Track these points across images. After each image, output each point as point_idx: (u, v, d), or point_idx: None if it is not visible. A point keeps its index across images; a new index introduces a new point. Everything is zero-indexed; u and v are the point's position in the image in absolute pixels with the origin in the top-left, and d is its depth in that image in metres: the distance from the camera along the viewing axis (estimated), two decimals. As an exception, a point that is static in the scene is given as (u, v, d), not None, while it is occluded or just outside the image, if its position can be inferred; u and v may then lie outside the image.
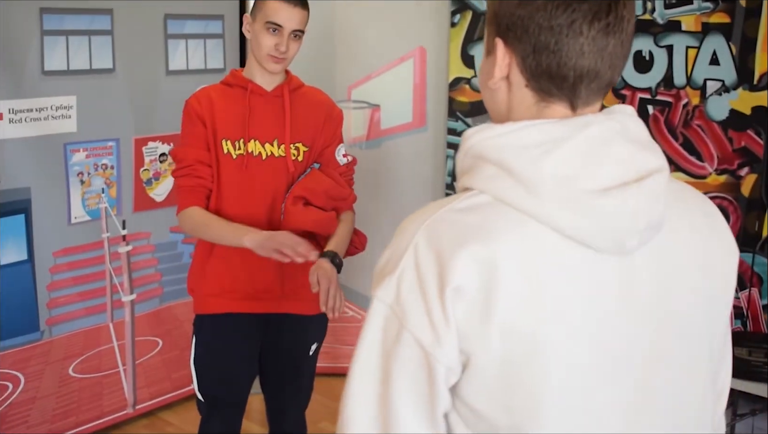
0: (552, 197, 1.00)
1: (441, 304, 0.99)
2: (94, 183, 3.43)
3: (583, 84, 1.06)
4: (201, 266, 2.53)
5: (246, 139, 2.47)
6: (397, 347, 1.02)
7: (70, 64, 3.28)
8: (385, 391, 1.02)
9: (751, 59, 3.46)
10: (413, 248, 1.02)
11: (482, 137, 1.06)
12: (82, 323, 3.45)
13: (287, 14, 2.40)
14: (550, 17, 1.02)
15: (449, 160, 3.98)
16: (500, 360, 1.00)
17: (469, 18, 3.83)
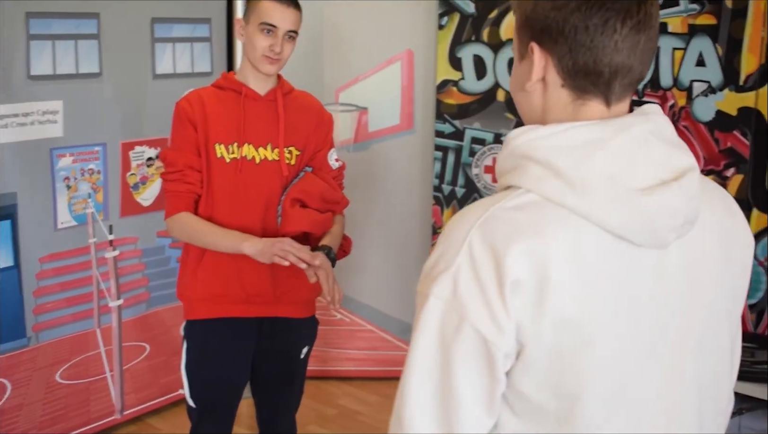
0: (599, 195, 1.07)
1: (501, 297, 1.05)
2: (81, 188, 3.41)
3: (617, 80, 1.12)
4: (192, 271, 2.51)
5: (240, 143, 2.46)
6: (457, 339, 1.06)
7: (56, 68, 3.26)
8: (446, 382, 1.07)
9: (737, 60, 3.47)
10: (467, 246, 1.07)
11: (528, 138, 1.12)
12: (69, 329, 3.43)
13: (281, 15, 2.40)
14: (585, 18, 1.09)
15: (437, 162, 3.97)
16: (551, 348, 1.07)
17: (456, 20, 3.84)
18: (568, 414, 1.10)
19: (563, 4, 1.10)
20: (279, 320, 2.57)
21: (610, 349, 1.09)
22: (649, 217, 1.08)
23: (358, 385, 4.19)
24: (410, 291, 4.24)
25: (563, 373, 1.08)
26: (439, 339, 1.08)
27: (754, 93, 3.47)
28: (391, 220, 4.16)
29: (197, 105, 2.47)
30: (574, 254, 1.07)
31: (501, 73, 3.82)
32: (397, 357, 4.28)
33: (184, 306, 2.59)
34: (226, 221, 2.45)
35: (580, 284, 1.06)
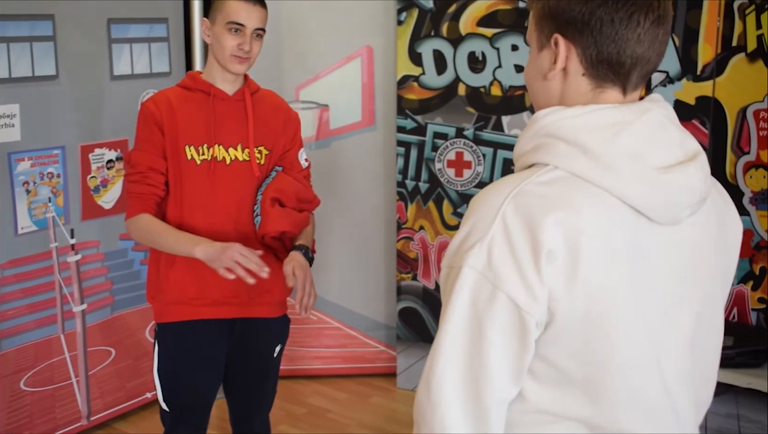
0: (624, 172, 1.14)
1: (535, 266, 1.10)
2: (41, 192, 3.36)
3: (635, 70, 1.20)
4: (164, 273, 2.47)
5: (210, 144, 2.44)
6: (490, 307, 1.12)
7: (11, 71, 3.21)
8: (478, 350, 1.13)
9: (694, 50, 3.51)
10: (501, 217, 1.13)
11: (556, 117, 1.19)
12: (33, 336, 3.38)
13: (248, 13, 2.39)
14: (612, 11, 1.16)
15: (399, 158, 3.98)
16: (581, 316, 1.13)
17: (415, 16, 3.84)
18: (595, 381, 1.17)
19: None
20: (252, 320, 2.55)
21: (634, 317, 1.17)
22: (669, 194, 1.16)
23: (326, 383, 4.18)
24: (377, 288, 4.32)
25: (591, 341, 1.15)
26: (473, 308, 1.13)
27: (711, 82, 3.51)
28: (356, 217, 4.16)
29: (164, 106, 2.44)
30: (602, 226, 1.13)
31: (461, 68, 3.82)
32: (365, 353, 4.28)
33: (154, 309, 2.56)
34: (197, 224, 2.43)
35: (607, 254, 1.13)
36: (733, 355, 3.40)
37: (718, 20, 3.48)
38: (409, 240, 4.04)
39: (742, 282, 3.59)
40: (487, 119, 3.82)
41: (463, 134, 3.87)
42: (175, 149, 2.42)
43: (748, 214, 3.56)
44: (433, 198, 3.97)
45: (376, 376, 4.26)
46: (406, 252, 4.05)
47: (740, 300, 3.61)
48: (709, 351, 1.33)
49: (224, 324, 2.53)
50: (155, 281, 2.51)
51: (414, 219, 4.01)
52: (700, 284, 1.26)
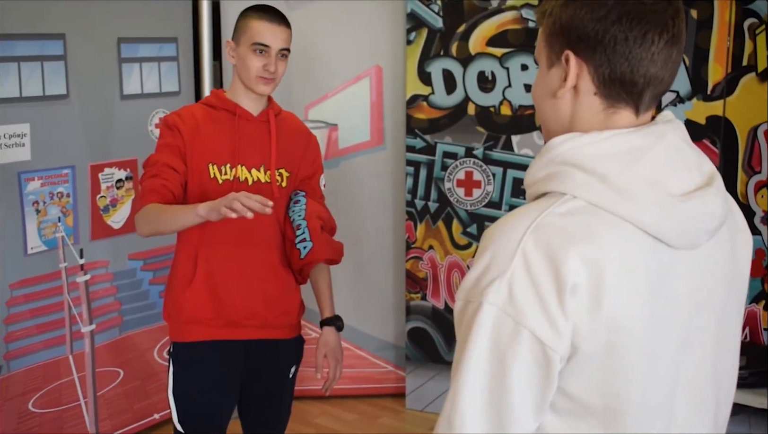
0: (643, 201, 1.11)
1: (559, 301, 1.07)
2: (50, 212, 3.35)
3: (648, 90, 1.17)
4: (181, 291, 2.45)
5: (233, 164, 2.42)
6: (513, 344, 1.08)
7: (22, 91, 3.21)
8: (500, 388, 1.09)
9: (704, 70, 3.52)
10: (522, 252, 1.09)
11: (572, 145, 1.16)
12: (42, 357, 3.36)
13: (273, 34, 2.39)
14: (626, 29, 1.13)
15: (409, 177, 3.97)
16: (604, 348, 1.10)
17: (425, 36, 3.84)
18: (616, 413, 1.14)
19: (604, 15, 1.13)
20: (267, 341, 2.53)
21: (653, 346, 1.14)
22: (689, 222, 1.14)
23: (335, 403, 4.15)
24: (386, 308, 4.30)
25: (611, 372, 1.12)
26: (495, 345, 1.09)
27: (722, 102, 3.52)
28: (365, 237, 4.14)
29: (190, 121, 2.42)
30: (623, 257, 1.10)
31: (471, 87, 3.83)
32: (373, 374, 4.26)
33: (170, 327, 2.54)
34: (216, 243, 2.41)
35: (629, 285, 1.10)
36: (746, 375, 3.38)
37: (728, 40, 3.49)
38: (419, 260, 4.02)
39: (754, 302, 3.58)
40: (496, 139, 3.81)
41: (472, 153, 3.87)
42: (199, 166, 2.40)
43: (760, 233, 3.55)
44: (442, 218, 3.96)
45: (385, 397, 4.23)
46: (416, 272, 4.04)
47: (752, 320, 3.59)
48: (728, 373, 1.30)
49: (239, 345, 2.51)
50: (172, 300, 2.49)
51: (423, 239, 4.00)
52: (716, 306, 1.23)
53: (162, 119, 2.48)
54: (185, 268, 2.44)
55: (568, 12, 1.16)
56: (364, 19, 4.00)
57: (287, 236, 2.53)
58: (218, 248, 2.42)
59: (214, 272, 2.41)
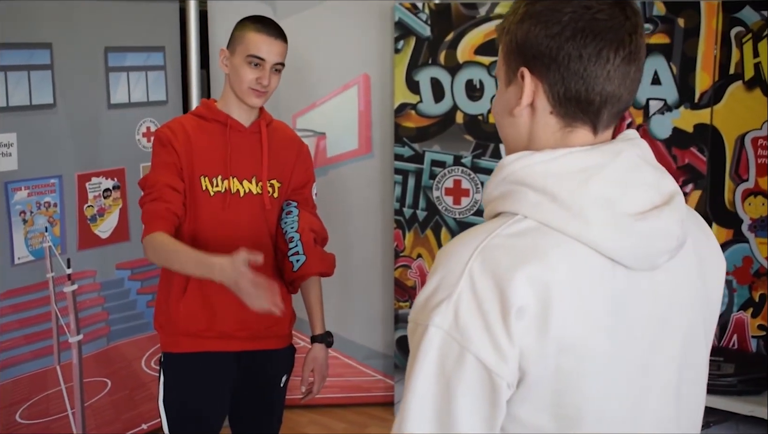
0: (596, 221, 1.08)
1: (504, 325, 1.04)
2: (37, 222, 3.33)
3: (606, 108, 1.14)
4: (174, 303, 2.44)
5: (225, 175, 2.41)
6: (458, 370, 1.05)
7: (9, 100, 3.19)
8: (446, 413, 1.06)
9: (692, 78, 3.53)
10: (468, 274, 1.06)
11: (523, 164, 1.13)
12: (29, 367, 3.33)
13: (269, 47, 2.38)
14: (580, 46, 1.10)
15: (397, 186, 3.97)
16: (554, 371, 1.07)
17: (413, 44, 3.84)
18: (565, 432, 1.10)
19: (558, 32, 1.11)
20: (258, 351, 2.52)
21: (609, 368, 1.11)
22: (645, 242, 1.10)
23: (323, 413, 4.14)
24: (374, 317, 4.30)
25: (564, 394, 1.08)
26: (440, 370, 1.06)
27: (709, 110, 3.53)
28: (353, 245, 4.14)
29: (181, 134, 2.40)
30: (574, 278, 1.07)
31: (459, 96, 3.83)
32: (362, 383, 4.25)
33: (161, 338, 2.52)
34: None
35: (579, 307, 1.07)
36: (734, 382, 3.39)
37: (715, 48, 3.50)
38: (407, 268, 4.02)
39: (742, 309, 3.59)
40: (485, 147, 3.82)
41: (461, 161, 3.87)
42: (190, 179, 2.39)
43: (747, 241, 3.56)
44: (431, 226, 3.96)
45: (374, 405, 4.22)
46: (404, 280, 4.03)
47: (740, 327, 3.60)
48: (695, 394, 1.26)
49: (230, 356, 2.50)
50: (165, 311, 2.47)
51: (412, 247, 4.00)
52: (680, 328, 1.20)
53: (155, 135, 2.45)
54: (178, 279, 2.42)
55: (524, 29, 1.14)
56: (352, 27, 4.00)
57: (279, 248, 2.52)
58: None
59: (206, 284, 2.39)
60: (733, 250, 3.58)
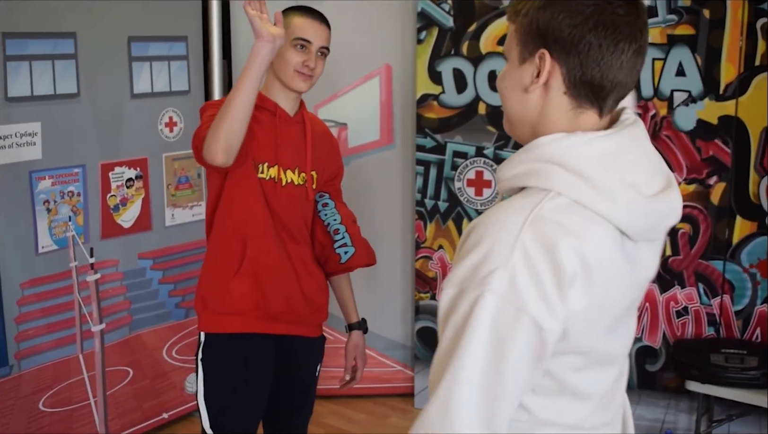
0: (622, 201, 1.22)
1: (558, 288, 1.16)
2: (61, 211, 3.34)
3: (612, 94, 1.28)
4: (223, 281, 2.41)
5: (271, 163, 2.40)
6: (513, 331, 1.16)
7: (33, 89, 3.20)
8: (498, 371, 1.16)
9: (717, 70, 3.51)
10: (521, 244, 1.17)
11: (561, 146, 1.25)
12: (52, 356, 3.35)
13: (315, 31, 2.41)
14: (600, 37, 1.22)
15: (418, 177, 3.96)
16: (585, 329, 1.23)
17: (435, 35, 3.83)
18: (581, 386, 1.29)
19: (581, 22, 1.22)
20: (296, 338, 2.52)
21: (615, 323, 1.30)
22: (658, 219, 1.28)
23: (343, 403, 4.15)
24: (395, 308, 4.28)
25: (583, 350, 1.26)
26: (494, 332, 1.15)
27: (734, 102, 3.51)
28: (374, 236, 4.09)
29: None
30: (604, 250, 1.23)
31: (481, 87, 3.81)
32: (382, 374, 4.25)
33: (203, 318, 2.48)
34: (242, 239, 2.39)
35: (609, 274, 1.23)
36: (758, 376, 3.37)
37: (741, 40, 3.48)
38: (428, 259, 4.01)
39: (765, 302, 3.57)
40: (507, 138, 3.80)
41: (483, 152, 3.86)
42: (245, 161, 2.35)
43: (772, 234, 3.54)
44: (452, 217, 3.95)
45: (394, 396, 4.23)
46: (425, 272, 4.03)
47: (763, 321, 3.59)
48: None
49: (271, 341, 2.49)
50: (212, 289, 2.44)
51: (433, 238, 3.99)
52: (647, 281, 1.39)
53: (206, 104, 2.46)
54: (232, 258, 2.40)
55: (547, 15, 1.25)
56: (375, 18, 3.99)
57: (318, 239, 2.54)
58: (265, 240, 2.40)
59: (261, 264, 2.39)
60: (757, 243, 3.56)
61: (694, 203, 3.57)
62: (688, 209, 3.56)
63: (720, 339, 3.62)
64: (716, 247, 3.60)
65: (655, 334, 3.72)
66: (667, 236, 1.42)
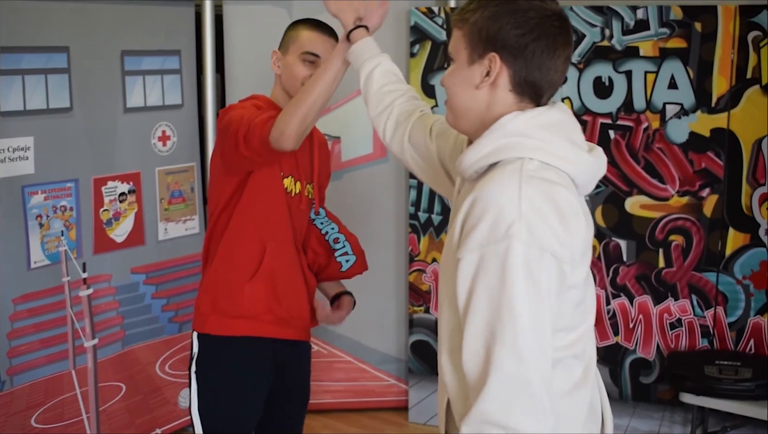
0: (572, 157, 1.51)
1: (563, 227, 1.42)
2: (54, 226, 3.33)
3: (548, 92, 1.55)
4: (238, 284, 2.39)
5: (293, 174, 2.43)
6: (542, 267, 1.39)
7: (26, 104, 3.19)
8: (539, 303, 1.39)
9: (708, 82, 3.53)
10: (526, 198, 1.40)
11: (522, 120, 1.50)
12: (44, 372, 3.32)
13: (323, 45, 2.41)
14: (542, 46, 1.48)
15: (412, 190, 3.96)
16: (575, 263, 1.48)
17: (428, 48, 3.84)
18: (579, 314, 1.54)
19: (527, 32, 1.48)
20: (293, 342, 2.52)
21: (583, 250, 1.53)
22: (595, 171, 1.57)
23: (336, 417, 4.13)
24: (388, 321, 4.26)
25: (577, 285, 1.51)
26: (528, 273, 1.38)
27: (726, 114, 3.53)
28: (368, 249, 4.06)
29: None
30: (571, 197, 1.47)
31: (474, 100, 3.82)
32: (376, 387, 4.24)
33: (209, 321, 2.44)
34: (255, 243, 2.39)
35: (579, 215, 1.48)
36: (753, 387, 3.39)
37: (733, 53, 3.50)
38: (422, 273, 4.01)
39: (759, 314, 3.58)
40: (500, 151, 3.81)
41: (476, 165, 3.86)
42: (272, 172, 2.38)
43: (764, 245, 3.55)
44: (446, 230, 3.95)
45: (388, 410, 4.21)
46: (419, 285, 4.03)
47: (757, 332, 3.60)
48: None
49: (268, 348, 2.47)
50: (225, 293, 2.41)
51: (427, 251, 3.99)
52: None
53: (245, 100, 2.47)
54: (249, 260, 2.39)
55: (496, 25, 1.49)
56: (367, 31, 3.99)
57: (312, 247, 2.57)
58: (284, 246, 2.42)
59: (277, 270, 2.40)
60: (750, 254, 3.58)
61: (686, 215, 3.59)
62: (680, 221, 3.58)
63: (714, 351, 3.63)
64: (709, 259, 3.61)
65: (649, 346, 3.72)
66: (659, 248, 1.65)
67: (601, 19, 3.61)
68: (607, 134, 3.65)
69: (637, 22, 3.58)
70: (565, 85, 3.65)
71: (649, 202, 3.63)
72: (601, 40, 3.62)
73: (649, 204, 3.63)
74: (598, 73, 3.64)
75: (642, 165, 3.64)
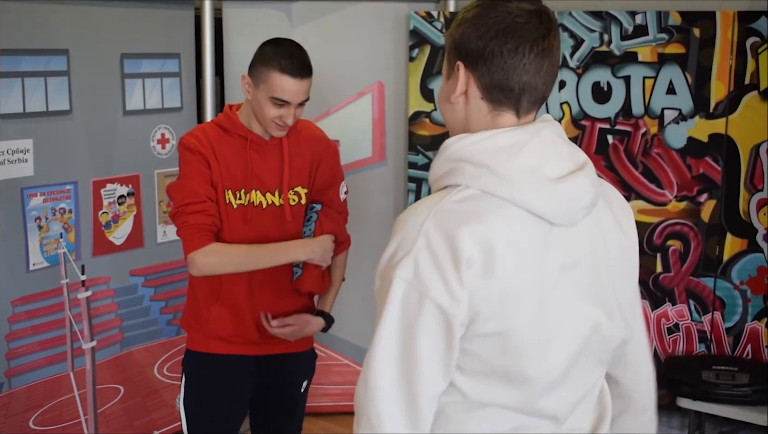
0: (525, 185, 1.31)
1: (456, 273, 1.26)
2: (53, 228, 3.33)
3: (525, 95, 1.38)
4: (204, 307, 2.46)
5: (247, 189, 2.41)
6: (419, 314, 1.27)
7: (26, 106, 3.19)
8: (409, 350, 1.27)
9: (707, 88, 3.54)
10: (424, 234, 1.28)
11: (463, 144, 1.36)
12: (43, 373, 3.33)
13: (295, 90, 2.32)
14: (501, 44, 1.35)
15: (410, 194, 3.97)
16: (497, 311, 1.29)
17: (427, 52, 3.85)
18: (513, 367, 1.32)
19: (484, 32, 1.36)
20: (281, 354, 2.54)
21: (538, 307, 1.32)
22: (564, 200, 1.33)
23: (335, 420, 4.14)
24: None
25: (505, 332, 1.30)
26: (404, 314, 1.28)
27: (724, 120, 3.54)
28: (366, 253, 4.11)
29: (207, 144, 2.38)
30: (509, 232, 1.30)
31: (473, 104, 3.83)
32: (373, 390, 4.23)
33: (189, 336, 2.55)
34: None
35: (515, 256, 1.29)
36: (750, 393, 3.39)
37: (731, 58, 3.51)
38: (420, 276, 4.01)
39: (756, 319, 3.59)
40: (499, 155, 3.81)
41: (474, 170, 3.86)
42: (216, 191, 2.38)
43: (762, 251, 3.56)
44: (444, 234, 3.95)
45: (386, 413, 4.21)
46: (417, 288, 4.02)
47: (754, 338, 3.60)
48: (619, 328, 1.46)
49: (253, 359, 2.52)
50: (195, 313, 2.50)
51: (425, 255, 3.98)
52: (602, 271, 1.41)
53: (182, 142, 2.42)
54: (210, 287, 2.44)
55: (459, 31, 1.40)
56: (367, 35, 4.00)
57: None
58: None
59: (236, 294, 2.43)
60: (748, 260, 3.58)
61: (684, 220, 3.59)
62: (678, 226, 3.58)
63: (711, 356, 3.64)
64: (707, 264, 3.62)
65: (647, 351, 3.73)
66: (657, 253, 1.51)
67: (600, 24, 3.62)
68: (606, 139, 3.66)
69: (635, 27, 3.59)
70: (564, 90, 3.66)
71: (647, 207, 3.63)
72: (599, 45, 3.63)
73: (647, 209, 3.63)
74: (597, 78, 3.65)
75: (640, 170, 3.64)
